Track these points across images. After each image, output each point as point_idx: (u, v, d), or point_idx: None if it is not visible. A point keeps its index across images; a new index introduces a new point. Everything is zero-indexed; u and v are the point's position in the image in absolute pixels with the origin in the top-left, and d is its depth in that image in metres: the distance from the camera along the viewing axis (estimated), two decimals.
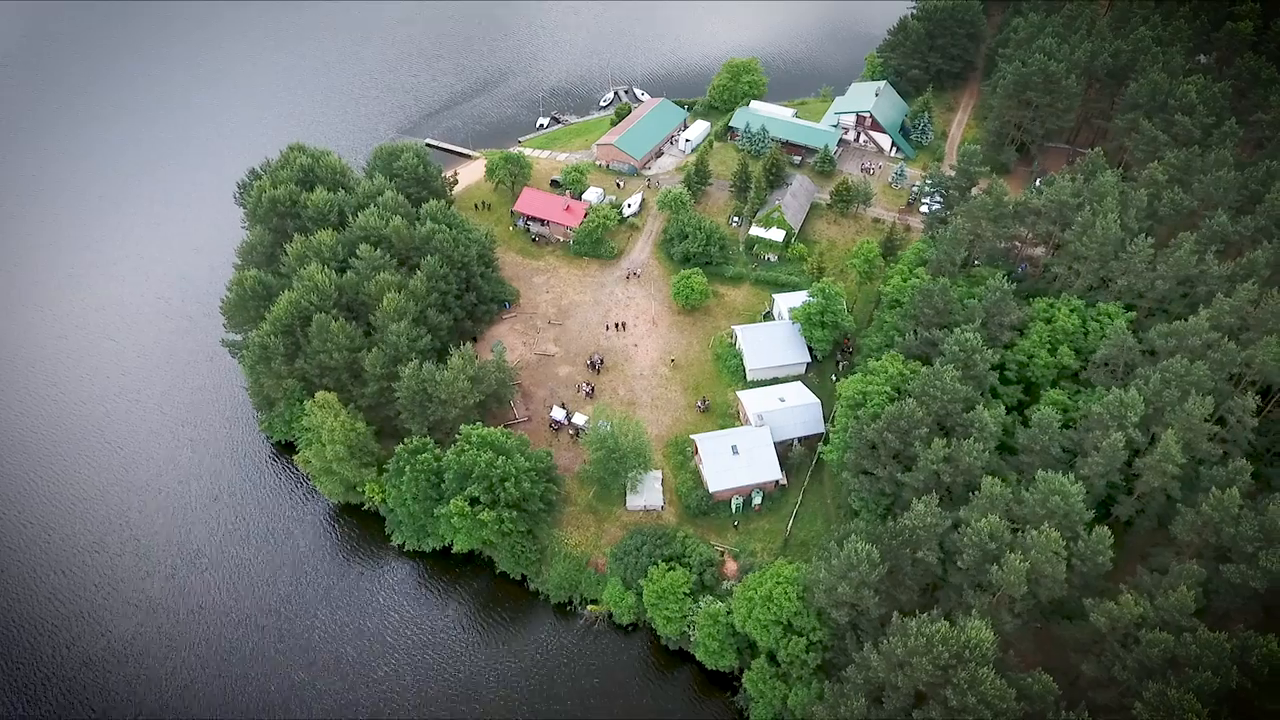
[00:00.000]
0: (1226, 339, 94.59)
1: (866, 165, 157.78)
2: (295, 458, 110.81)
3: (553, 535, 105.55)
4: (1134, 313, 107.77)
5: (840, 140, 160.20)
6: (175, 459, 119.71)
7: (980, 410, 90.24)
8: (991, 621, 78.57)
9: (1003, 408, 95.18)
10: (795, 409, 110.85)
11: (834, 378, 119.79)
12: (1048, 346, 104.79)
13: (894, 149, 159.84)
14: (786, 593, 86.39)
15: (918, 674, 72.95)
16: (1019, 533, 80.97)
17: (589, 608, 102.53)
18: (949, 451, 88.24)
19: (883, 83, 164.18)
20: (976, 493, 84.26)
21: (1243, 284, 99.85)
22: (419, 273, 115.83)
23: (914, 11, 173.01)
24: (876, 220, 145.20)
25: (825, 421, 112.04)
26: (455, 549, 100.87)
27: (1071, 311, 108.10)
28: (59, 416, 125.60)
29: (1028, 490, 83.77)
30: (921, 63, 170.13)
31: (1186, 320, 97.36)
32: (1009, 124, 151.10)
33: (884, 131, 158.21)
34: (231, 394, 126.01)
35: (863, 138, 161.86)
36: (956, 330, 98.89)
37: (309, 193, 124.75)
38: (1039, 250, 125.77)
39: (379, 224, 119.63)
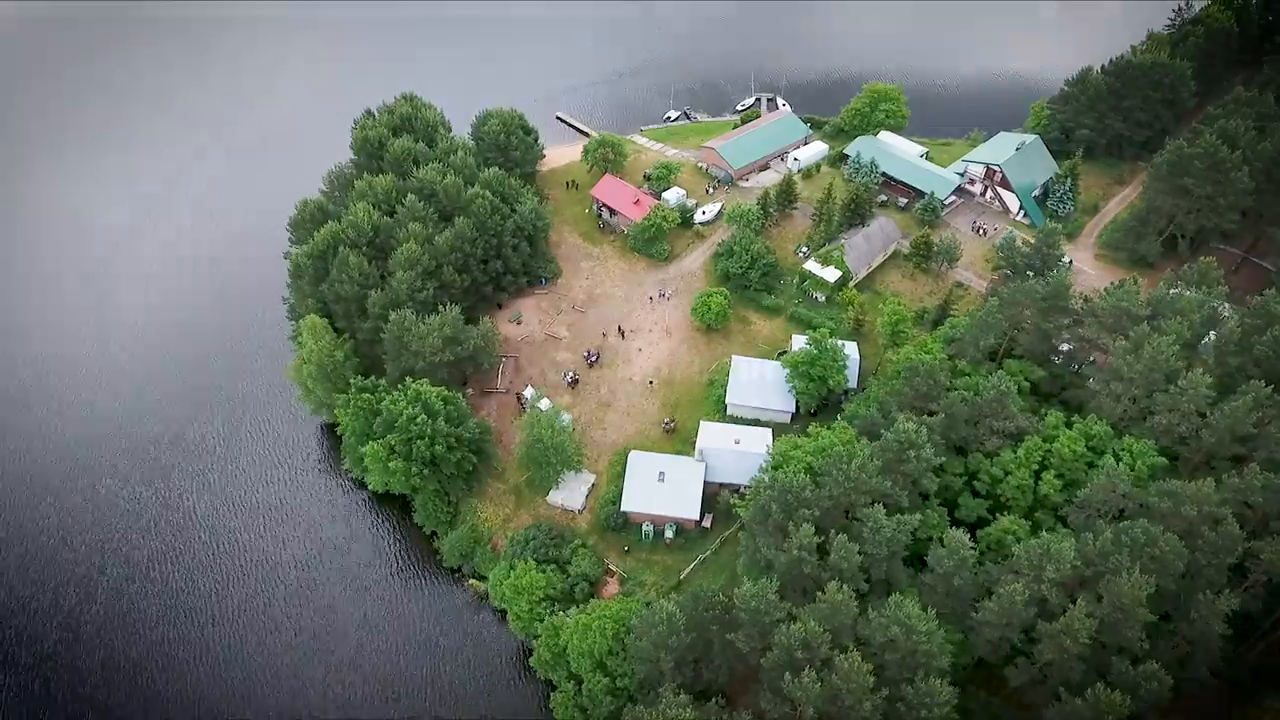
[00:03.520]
0: (1231, 519, 75.21)
1: (980, 224, 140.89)
2: (283, 366, 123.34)
3: (469, 503, 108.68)
4: (1165, 459, 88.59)
5: (960, 189, 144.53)
6: (222, 340, 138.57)
7: (875, 509, 79.57)
8: None
9: (918, 517, 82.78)
10: (742, 454, 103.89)
11: None
12: (1033, 468, 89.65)
13: (1022, 213, 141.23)
14: (603, 629, 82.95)
15: None
16: (841, 651, 71.33)
17: (472, 582, 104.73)
18: (820, 541, 79.26)
19: (1032, 137, 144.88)
20: (822, 593, 75.15)
21: None
22: (448, 231, 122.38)
23: (1105, 64, 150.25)
24: (960, 284, 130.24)
25: None
26: (370, 487, 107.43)
27: (1089, 439, 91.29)
28: (165, 284, 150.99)
29: (875, 610, 73.35)
30: (1096, 123, 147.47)
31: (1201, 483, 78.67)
32: (1159, 211, 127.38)
33: (1013, 191, 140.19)
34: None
35: (989, 193, 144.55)
36: (900, 418, 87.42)
37: (395, 139, 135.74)
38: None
39: (434, 179, 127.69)
